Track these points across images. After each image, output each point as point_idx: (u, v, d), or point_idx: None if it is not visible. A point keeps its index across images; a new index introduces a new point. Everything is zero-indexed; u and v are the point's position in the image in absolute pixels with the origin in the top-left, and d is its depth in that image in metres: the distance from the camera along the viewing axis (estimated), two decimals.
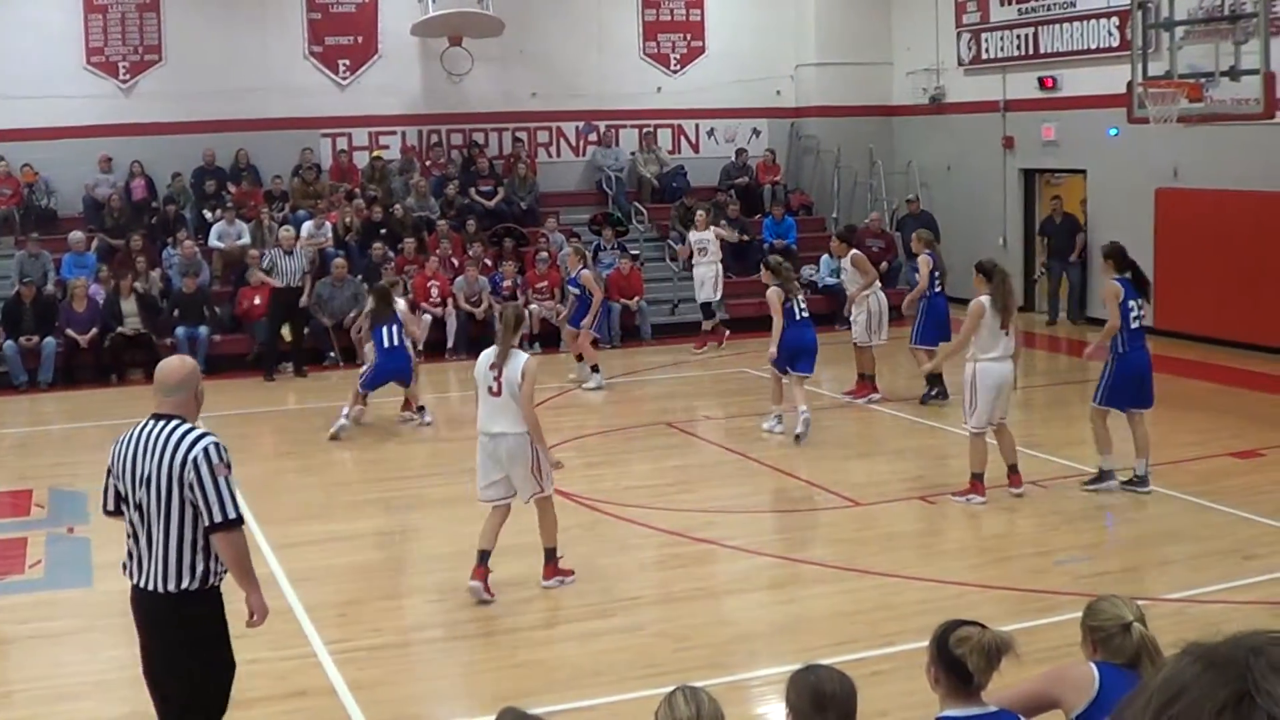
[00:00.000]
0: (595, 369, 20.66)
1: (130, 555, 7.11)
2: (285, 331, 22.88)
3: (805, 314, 16.60)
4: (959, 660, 5.30)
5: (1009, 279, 13.90)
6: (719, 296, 24.14)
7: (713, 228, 24.38)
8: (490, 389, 10.99)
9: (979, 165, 27.79)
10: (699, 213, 24.84)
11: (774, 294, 16.25)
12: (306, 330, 22.86)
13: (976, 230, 27.58)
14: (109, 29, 25.71)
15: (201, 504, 6.90)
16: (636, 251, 26.00)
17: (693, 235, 24.57)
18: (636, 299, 24.52)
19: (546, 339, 23.64)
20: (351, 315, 22.14)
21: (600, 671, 9.36)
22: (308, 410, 19.73)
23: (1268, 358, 20.86)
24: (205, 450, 6.96)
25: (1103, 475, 14.00)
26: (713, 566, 12.24)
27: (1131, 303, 13.76)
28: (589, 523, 13.37)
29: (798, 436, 16.21)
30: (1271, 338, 21.24)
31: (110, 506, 7.25)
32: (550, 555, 11.36)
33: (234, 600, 7.45)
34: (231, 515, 6.99)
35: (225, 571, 7.15)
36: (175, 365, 7.41)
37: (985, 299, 13.40)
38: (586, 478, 15.10)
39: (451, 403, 21.32)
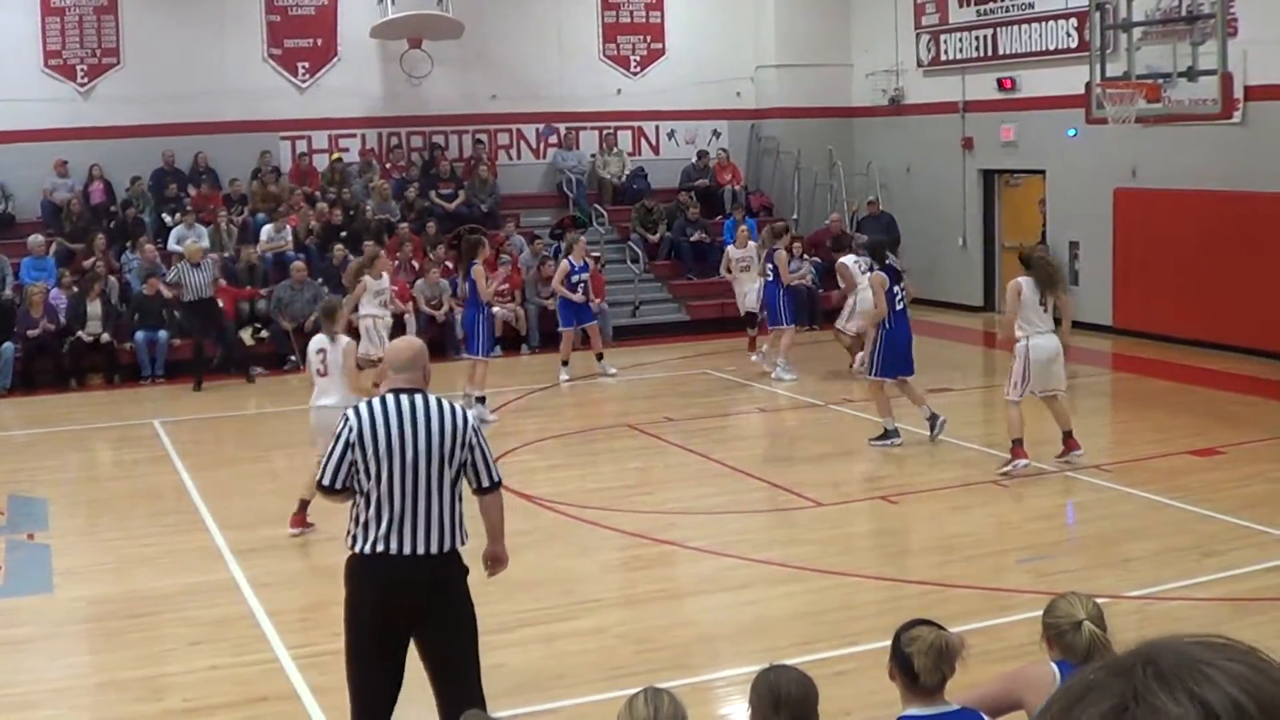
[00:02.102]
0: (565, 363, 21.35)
1: (380, 527, 7.21)
2: (247, 335, 22.86)
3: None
4: (909, 659, 5.35)
5: (1050, 262, 15.78)
6: (755, 308, 22.52)
7: (751, 243, 23.00)
8: (318, 370, 12.98)
9: (938, 166, 27.87)
10: (740, 229, 23.83)
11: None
12: (266, 334, 22.82)
13: (936, 231, 27.69)
14: (66, 31, 25.57)
15: (482, 467, 7.45)
16: (598, 254, 26.00)
17: (736, 251, 23.04)
18: (598, 301, 24.51)
19: (507, 342, 23.61)
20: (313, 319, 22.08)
21: (563, 674, 9.35)
22: (268, 415, 19.68)
23: (1226, 356, 20.97)
24: (474, 419, 7.61)
25: (887, 434, 16.01)
26: (675, 568, 12.24)
27: (896, 288, 16.04)
28: (551, 525, 13.35)
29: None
30: (1229, 336, 21.35)
31: (341, 483, 7.34)
32: (302, 506, 12.79)
33: (199, 607, 7.40)
34: (499, 478, 7.64)
35: None
36: (405, 345, 7.87)
37: (1024, 280, 14.40)
38: (548, 480, 15.10)
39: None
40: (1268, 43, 20.14)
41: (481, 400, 17.49)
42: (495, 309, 23.44)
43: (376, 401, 7.35)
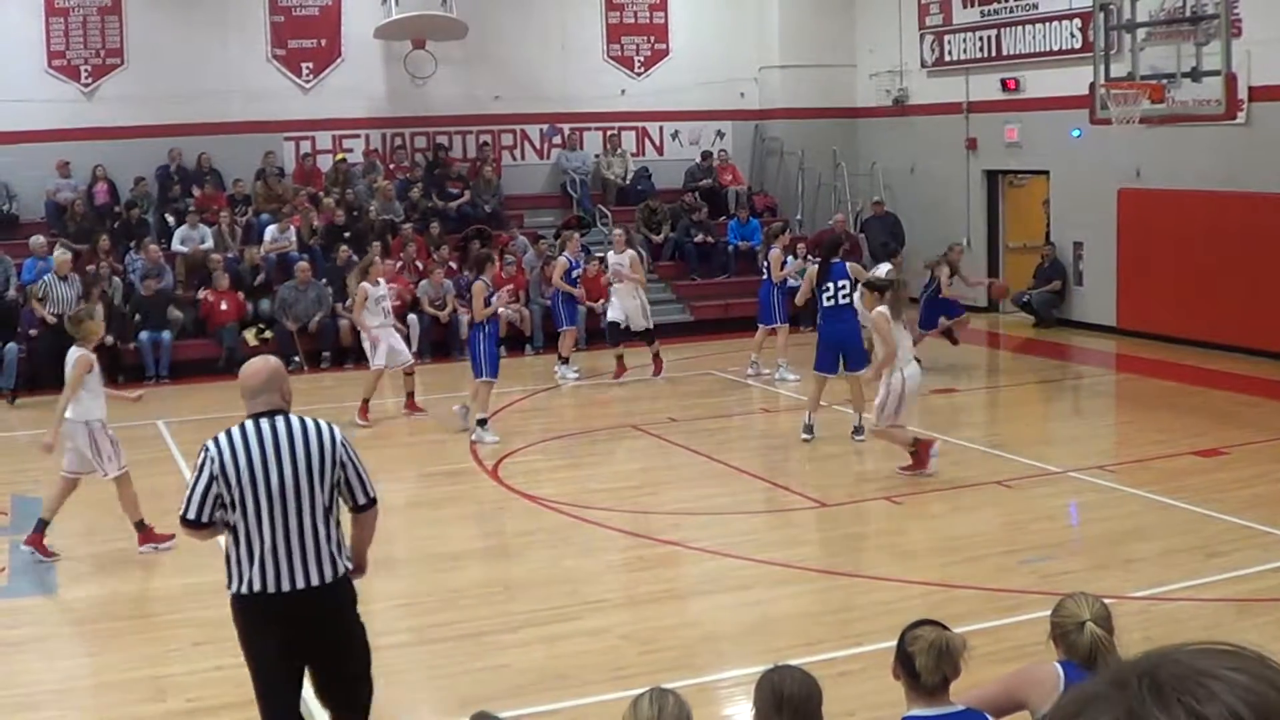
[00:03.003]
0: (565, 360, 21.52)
1: (255, 563, 6.87)
2: (250, 335, 22.85)
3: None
4: (911, 658, 5.36)
5: (901, 285, 15.61)
6: (649, 324, 21.65)
7: (630, 251, 22.07)
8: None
9: (942, 166, 27.86)
10: (618, 232, 23.00)
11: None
12: (270, 335, 22.84)
13: (940, 232, 27.63)
14: (70, 32, 25.58)
15: (356, 484, 7.18)
16: (601, 255, 25.95)
17: (614, 257, 22.16)
18: (602, 301, 24.46)
19: (511, 342, 23.60)
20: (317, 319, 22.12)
21: (566, 675, 9.34)
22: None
23: (1230, 357, 20.96)
24: (342, 433, 7.23)
25: (807, 429, 16.47)
26: (679, 568, 12.24)
27: (829, 284, 16.41)
28: (554, 525, 13.35)
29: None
30: (1233, 337, 21.34)
31: (206, 517, 6.93)
32: (140, 526, 12.60)
33: (202, 607, 7.39)
34: (375, 494, 7.34)
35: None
36: (259, 365, 7.34)
37: (885, 309, 14.23)
38: (552, 480, 15.10)
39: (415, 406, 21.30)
40: (1272, 43, 20.13)
41: (482, 423, 17.28)
42: (501, 310, 23.47)
43: (236, 429, 6.96)
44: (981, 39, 26.72)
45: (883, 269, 19.31)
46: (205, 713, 8.87)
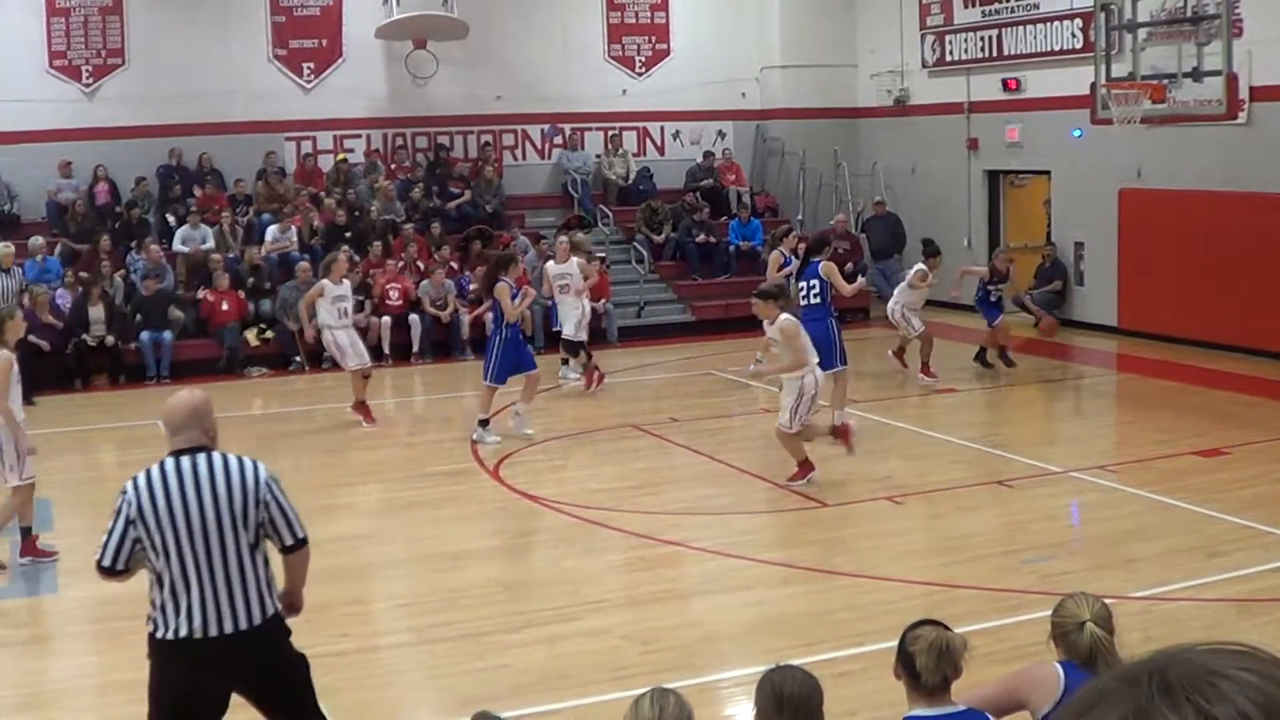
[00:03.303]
0: (566, 361, 21.47)
1: (181, 609, 6.55)
2: (252, 336, 22.88)
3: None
4: (912, 658, 5.37)
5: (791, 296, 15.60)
6: (584, 336, 20.76)
7: (575, 259, 20.98)
8: None
9: (943, 167, 27.86)
10: (561, 240, 21.98)
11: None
12: (271, 335, 22.88)
13: (941, 232, 27.60)
14: (71, 32, 25.58)
15: (282, 524, 6.84)
16: (603, 254, 25.97)
17: (556, 267, 21.08)
18: (603, 301, 24.48)
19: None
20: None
21: (567, 675, 9.34)
22: (272, 415, 19.69)
23: (1231, 357, 20.96)
24: (267, 471, 6.89)
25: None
26: (680, 568, 12.24)
27: (802, 284, 16.70)
28: (556, 526, 13.37)
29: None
30: (1234, 337, 21.34)
31: (123, 563, 6.64)
32: (25, 533, 12.34)
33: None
34: (304, 534, 7.01)
35: None
36: (182, 399, 7.03)
37: (790, 316, 14.25)
38: (553, 480, 15.12)
39: (416, 406, 21.31)
40: (1273, 43, 20.12)
41: (484, 423, 17.15)
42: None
43: (155, 468, 6.70)
44: (982, 39, 26.72)
45: (913, 271, 19.94)
46: None
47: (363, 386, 18.31)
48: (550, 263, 21.42)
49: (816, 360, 14.33)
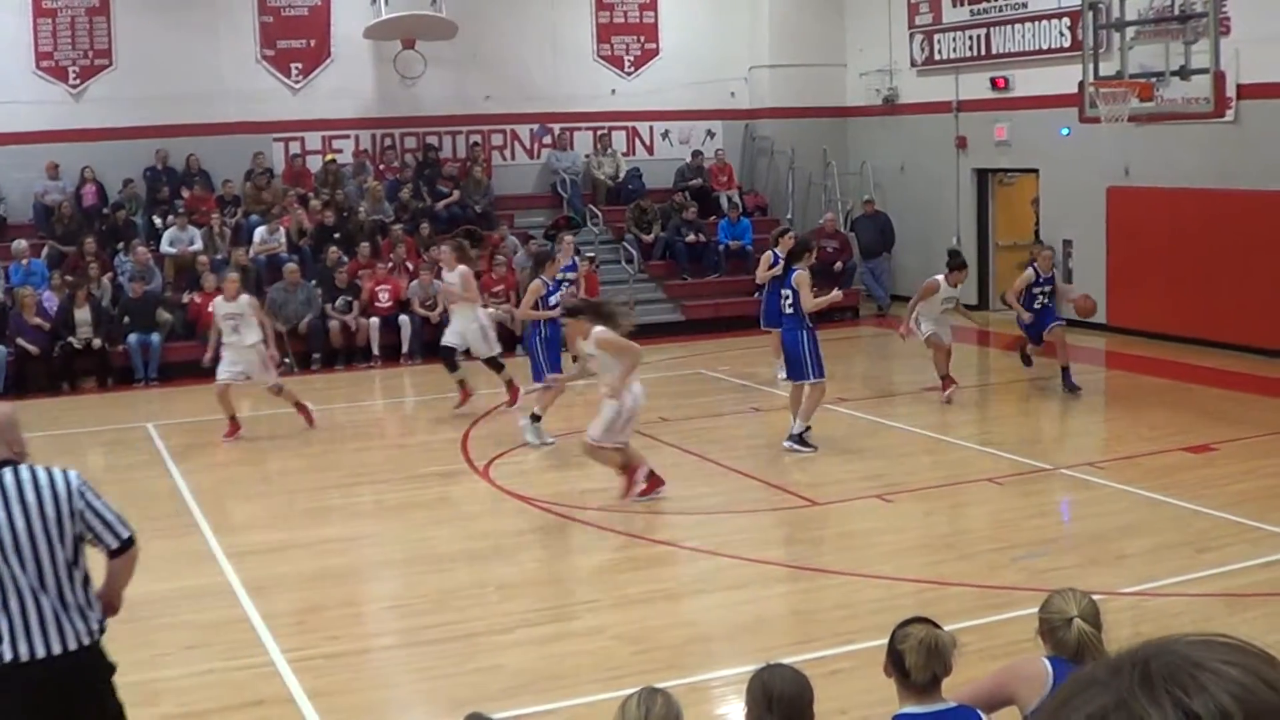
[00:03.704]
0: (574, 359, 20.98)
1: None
2: None
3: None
4: (902, 656, 5.38)
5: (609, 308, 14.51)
6: (497, 350, 19.25)
7: (461, 267, 19.13)
8: None
9: (932, 165, 27.89)
10: (445, 249, 20.20)
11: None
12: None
13: (930, 230, 27.71)
14: (58, 33, 25.51)
15: (103, 530, 6.45)
16: (593, 254, 25.96)
17: (445, 276, 19.66)
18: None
19: (501, 342, 23.58)
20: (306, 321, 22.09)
21: (559, 675, 9.34)
22: (262, 417, 19.65)
23: (1219, 353, 21.00)
24: (78, 478, 6.51)
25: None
26: (671, 568, 12.24)
27: (786, 291, 16.01)
28: (547, 526, 13.36)
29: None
30: (1222, 334, 21.38)
31: None
32: None
33: (193, 611, 7.37)
34: (129, 533, 6.61)
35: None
36: None
37: (605, 329, 13.49)
38: (544, 481, 15.10)
39: (406, 407, 21.28)
40: (1260, 41, 20.15)
41: (536, 419, 16.81)
42: (490, 309, 23.41)
43: None
44: (971, 38, 26.74)
45: (943, 292, 18.57)
46: (197, 717, 8.86)
47: (286, 397, 18.04)
48: (443, 272, 19.92)
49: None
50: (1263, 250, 20.69)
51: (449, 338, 19.03)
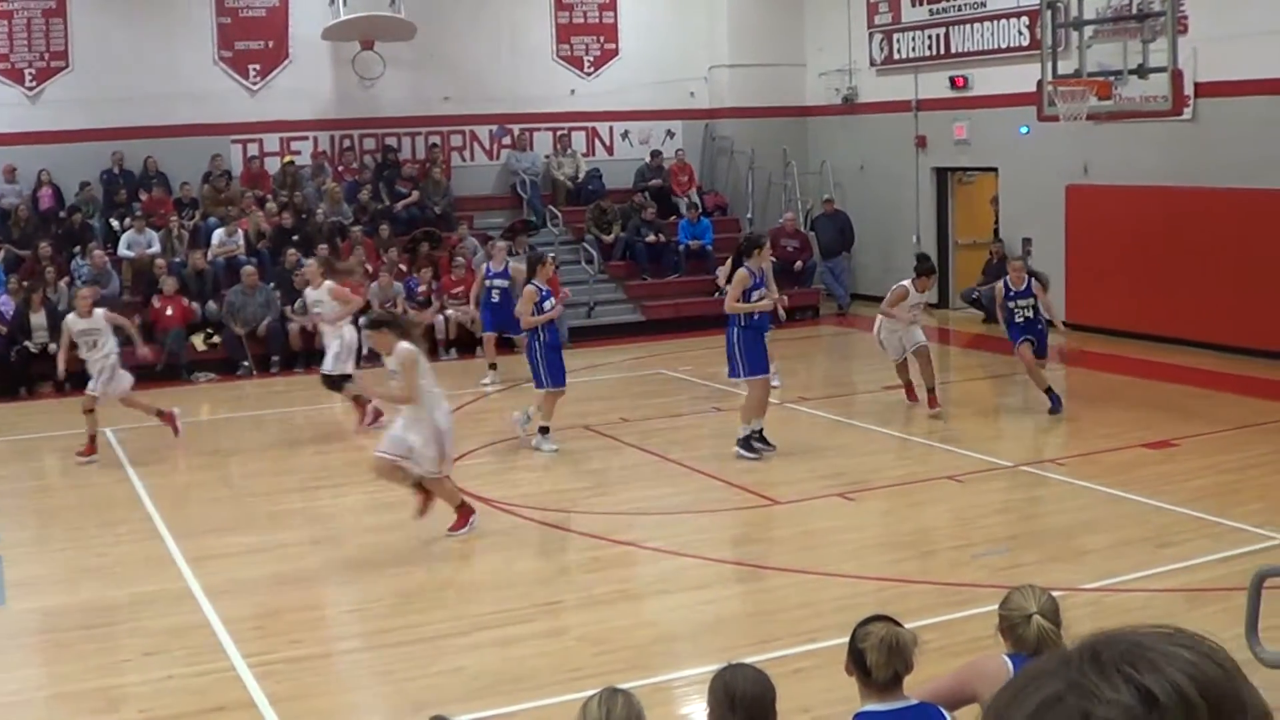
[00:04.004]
0: (493, 366, 21.13)
1: None
2: (198, 341, 22.73)
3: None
4: (863, 654, 5.38)
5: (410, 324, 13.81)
6: (348, 368, 18.23)
7: (328, 283, 18.49)
8: None
9: (892, 164, 27.95)
10: (309, 263, 19.79)
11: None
12: (218, 340, 22.74)
13: (890, 229, 27.79)
14: (14, 35, 25.33)
15: None
16: (552, 255, 25.92)
17: (309, 294, 19.12)
18: (565, 294, 24.44)
19: (462, 344, 23.60)
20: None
21: (522, 677, 9.31)
22: (220, 421, 19.58)
23: (1178, 350, 21.10)
24: None
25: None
26: (633, 569, 12.23)
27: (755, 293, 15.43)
28: (508, 528, 13.32)
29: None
30: (1181, 330, 21.49)
31: None
32: None
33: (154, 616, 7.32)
34: None
35: None
36: None
37: (412, 346, 12.74)
38: (506, 482, 15.06)
39: (367, 410, 21.19)
40: (1217, 40, 20.27)
41: (544, 431, 16.54)
42: (449, 311, 23.39)
43: None
44: (930, 37, 26.81)
45: (911, 298, 17.67)
46: None
47: (142, 408, 17.54)
48: (308, 290, 19.25)
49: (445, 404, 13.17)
50: (1220, 247, 20.81)
51: (325, 363, 18.33)
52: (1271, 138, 20.10)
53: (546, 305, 16.54)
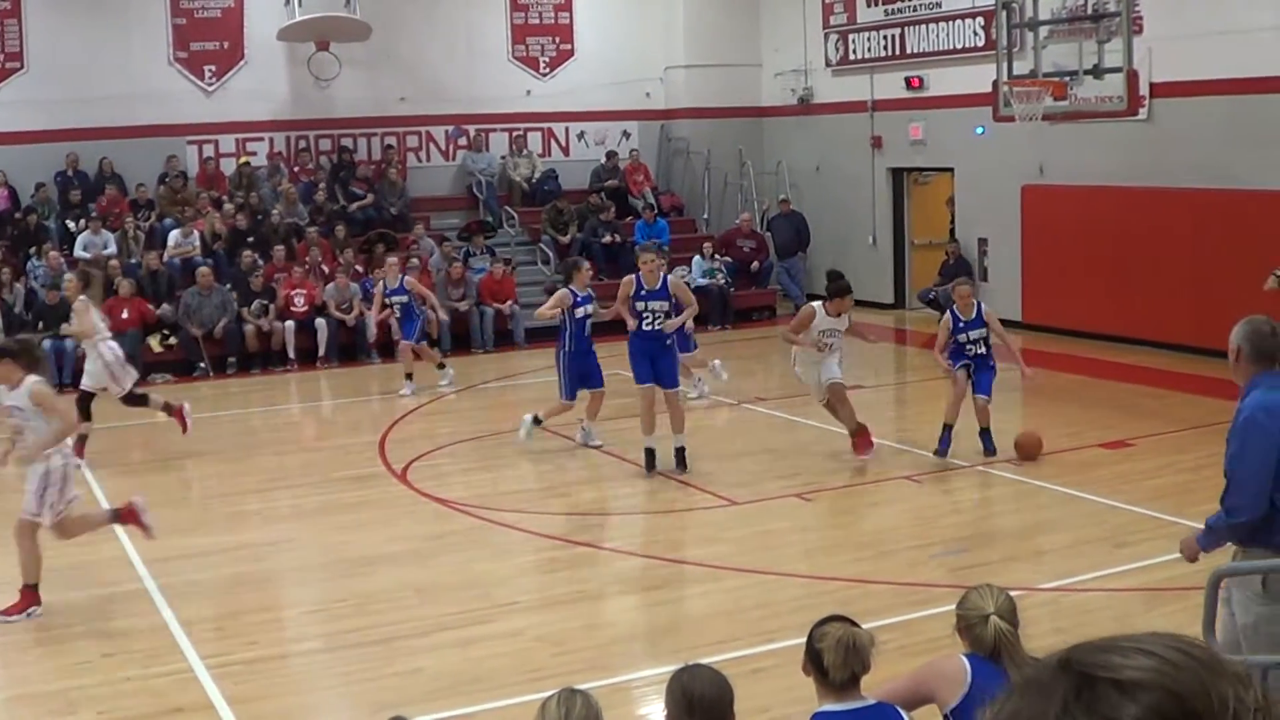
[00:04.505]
0: (409, 376, 20.50)
1: None
2: (154, 342, 22.62)
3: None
4: (820, 655, 5.39)
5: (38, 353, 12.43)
6: (131, 381, 16.87)
7: (94, 309, 16.67)
8: None
9: (848, 165, 28.01)
10: (67, 278, 18.45)
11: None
12: (174, 341, 22.65)
13: (846, 229, 27.86)
14: None
15: None
16: (509, 256, 25.91)
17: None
18: (509, 303, 24.43)
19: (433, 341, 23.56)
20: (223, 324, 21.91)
21: (480, 678, 9.30)
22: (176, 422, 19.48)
23: (1134, 350, 21.21)
24: None
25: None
26: (591, 569, 12.22)
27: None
28: (465, 528, 13.30)
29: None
30: (1137, 330, 21.60)
31: None
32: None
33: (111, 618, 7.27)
34: None
35: None
36: None
37: (42, 379, 11.37)
38: (462, 483, 15.04)
39: (323, 410, 21.14)
40: (1172, 40, 20.39)
41: (537, 420, 16.63)
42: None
43: None
44: (885, 38, 26.89)
45: (820, 321, 15.47)
46: None
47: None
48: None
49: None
50: (1175, 246, 20.92)
51: (85, 380, 16.84)
52: (1227, 138, 20.23)
53: (589, 309, 16.55)
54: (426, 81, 28.23)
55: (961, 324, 15.16)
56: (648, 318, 15.37)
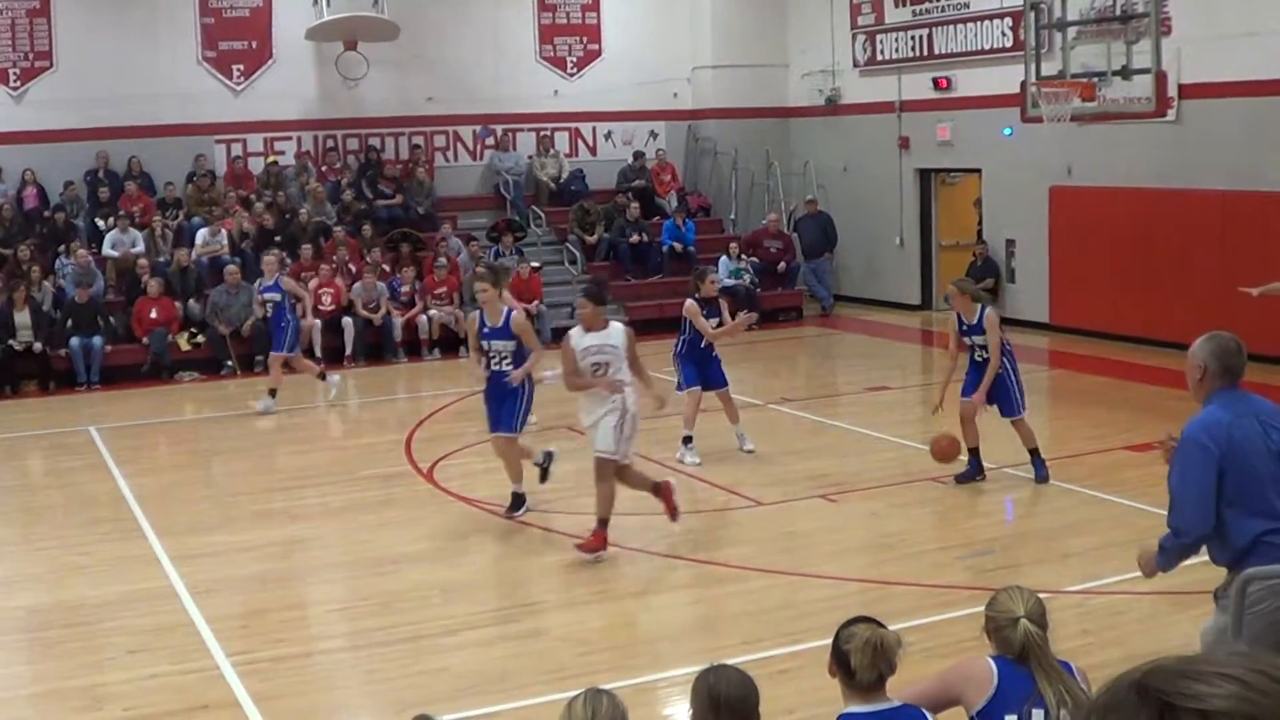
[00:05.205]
0: (272, 393, 19.60)
1: None
2: (182, 340, 22.69)
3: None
4: (847, 656, 5.37)
5: None
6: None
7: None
8: None
9: (875, 165, 27.97)
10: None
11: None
12: (201, 339, 22.71)
13: (873, 230, 27.82)
14: None
15: None
16: (537, 264, 25.92)
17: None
18: (536, 303, 24.44)
19: (445, 344, 23.58)
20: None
21: (504, 677, 9.31)
22: (205, 420, 19.54)
23: (1161, 351, 21.11)
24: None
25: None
26: (616, 569, 12.20)
27: None
28: (491, 528, 13.32)
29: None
30: (1164, 332, 21.47)
31: None
32: None
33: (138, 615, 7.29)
34: None
35: None
36: None
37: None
38: (489, 483, 15.01)
39: (350, 409, 21.17)
40: (1201, 41, 20.33)
41: (687, 440, 16.12)
42: (432, 311, 23.37)
43: None
44: (913, 38, 26.84)
45: (577, 340, 13.13)
46: None
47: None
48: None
49: None
50: (1203, 248, 20.85)
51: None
52: (1255, 139, 20.16)
53: (739, 318, 16.53)
54: (454, 81, 28.27)
55: (965, 326, 14.71)
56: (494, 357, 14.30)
